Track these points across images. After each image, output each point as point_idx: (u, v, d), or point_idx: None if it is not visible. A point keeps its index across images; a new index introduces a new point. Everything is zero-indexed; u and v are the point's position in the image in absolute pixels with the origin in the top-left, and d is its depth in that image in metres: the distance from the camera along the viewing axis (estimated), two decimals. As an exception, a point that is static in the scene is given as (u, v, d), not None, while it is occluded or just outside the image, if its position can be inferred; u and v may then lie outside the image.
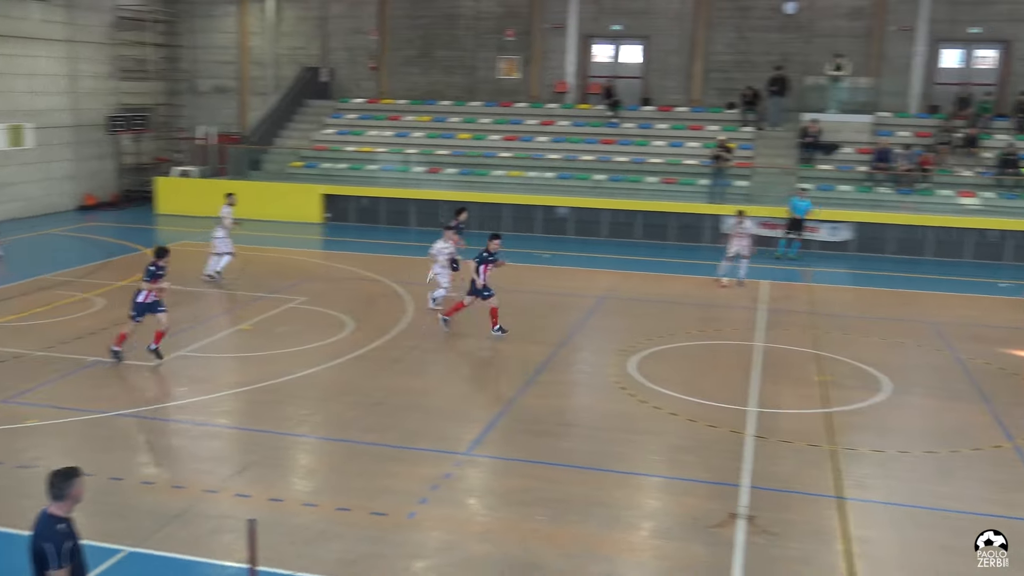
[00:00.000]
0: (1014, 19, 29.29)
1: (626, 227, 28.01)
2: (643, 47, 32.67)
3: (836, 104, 29.62)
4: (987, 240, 25.91)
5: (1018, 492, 10.87)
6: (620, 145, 30.63)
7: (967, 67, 30.63)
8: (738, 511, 10.01)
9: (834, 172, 28.44)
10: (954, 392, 14.46)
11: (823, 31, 30.49)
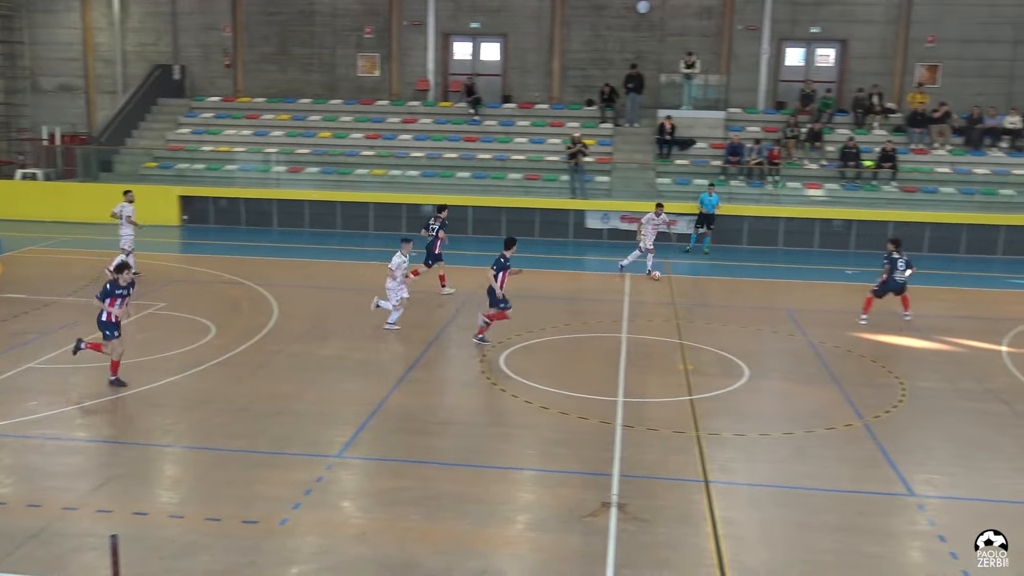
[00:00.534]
0: (849, 20, 30.92)
1: (491, 224, 28.17)
2: (501, 45, 32.93)
3: (690, 101, 30.59)
4: (833, 229, 27.27)
5: (869, 468, 11.47)
6: (483, 142, 30.80)
7: (809, 65, 32.15)
8: (610, 500, 10.23)
9: (690, 167, 29.37)
10: (808, 375, 15.15)
11: (675, 30, 31.44)
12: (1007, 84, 30.72)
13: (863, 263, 25.24)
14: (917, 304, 20.48)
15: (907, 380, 14.81)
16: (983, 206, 27.36)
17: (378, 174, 29.72)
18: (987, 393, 14.41)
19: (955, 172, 28.64)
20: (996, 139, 29.29)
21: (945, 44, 30.73)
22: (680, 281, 22.46)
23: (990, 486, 11.08)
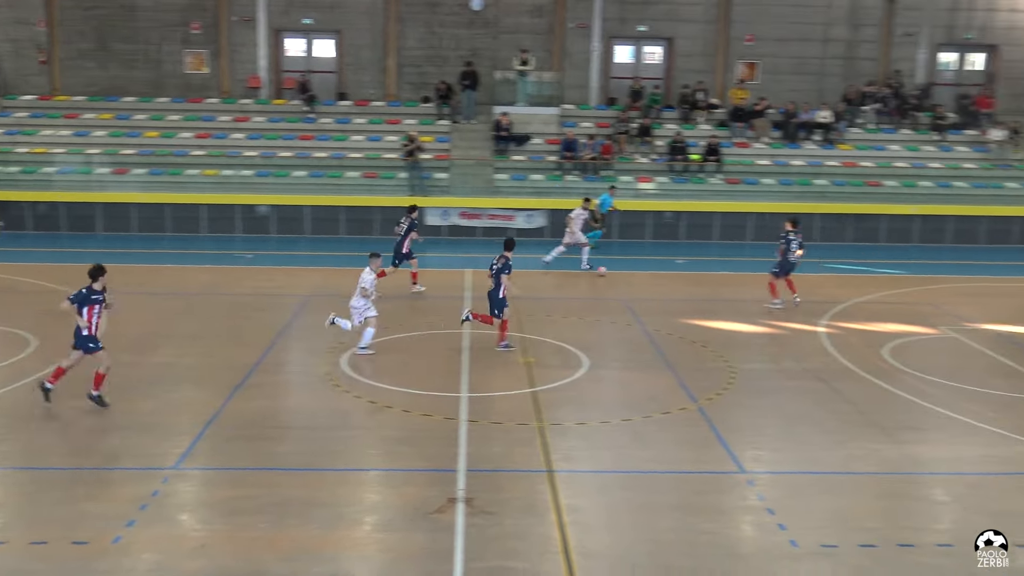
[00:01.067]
0: (674, 19, 32.10)
1: (330, 223, 27.81)
2: (336, 41, 32.49)
3: (524, 97, 31.02)
4: (664, 221, 28.28)
5: (704, 448, 11.98)
6: (319, 140, 30.32)
7: (638, 62, 33.18)
8: (456, 495, 10.30)
9: (527, 162, 29.82)
10: (644, 363, 15.67)
11: (508, 27, 31.81)
12: (818, 81, 32.61)
13: (693, 253, 26.31)
14: (742, 290, 21.51)
15: (735, 363, 15.53)
16: (800, 196, 28.96)
17: (210, 174, 28.79)
18: (807, 372, 15.29)
19: (774, 164, 30.20)
20: (810, 132, 31.05)
21: (762, 43, 32.33)
22: (520, 276, 22.72)
23: (812, 459, 11.78)
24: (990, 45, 33.08)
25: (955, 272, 24.35)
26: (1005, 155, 30.61)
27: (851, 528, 9.80)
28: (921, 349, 17.00)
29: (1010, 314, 19.65)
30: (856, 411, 13.46)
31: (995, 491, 10.93)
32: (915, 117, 31.82)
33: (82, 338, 12.45)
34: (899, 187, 29.46)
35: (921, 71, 32.96)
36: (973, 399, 14.02)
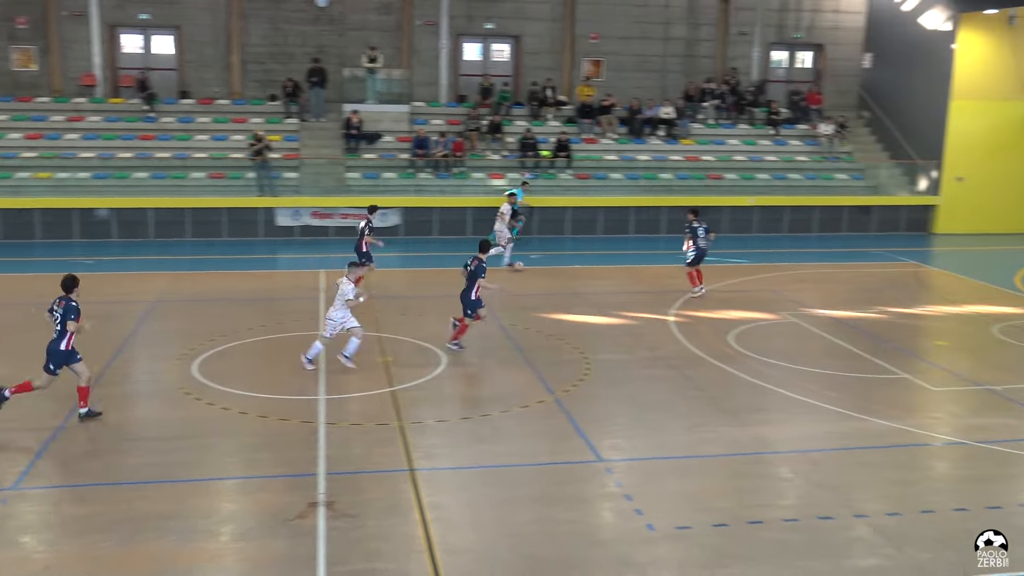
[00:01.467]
0: (521, 17, 32.47)
1: (175, 226, 26.86)
2: (175, 37, 31.35)
3: (374, 95, 30.76)
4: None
5: (562, 440, 12.20)
6: (160, 140, 29.21)
7: (486, 59, 33.40)
8: (317, 499, 10.15)
9: (379, 160, 29.59)
10: (501, 358, 15.83)
11: (355, 24, 31.46)
12: (661, 78, 33.64)
13: (547, 247, 26.71)
14: (595, 283, 22.01)
15: (590, 354, 15.88)
16: (647, 190, 29.85)
17: (43, 177, 27.30)
18: (659, 360, 15.79)
19: (621, 159, 31.00)
20: (654, 128, 32.01)
21: (607, 41, 33.09)
22: (375, 275, 22.57)
23: (666, 444, 12.18)
24: (817, 44, 34.89)
25: (792, 260, 25.59)
26: (833, 148, 32.37)
27: (704, 509, 10.19)
28: (763, 334, 17.81)
29: (843, 298, 20.82)
30: (706, 396, 13.99)
31: (836, 466, 11.58)
32: (751, 112, 33.27)
33: (60, 352, 12.05)
34: (738, 180, 30.75)
35: (755, 68, 34.47)
36: (813, 380, 14.79)
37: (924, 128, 31.06)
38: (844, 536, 9.70)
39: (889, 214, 30.71)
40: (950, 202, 30.50)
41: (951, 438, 12.65)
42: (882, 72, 33.45)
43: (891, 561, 9.16)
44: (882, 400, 13.99)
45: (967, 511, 10.27)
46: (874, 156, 32.70)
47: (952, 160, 30.40)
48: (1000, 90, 30.20)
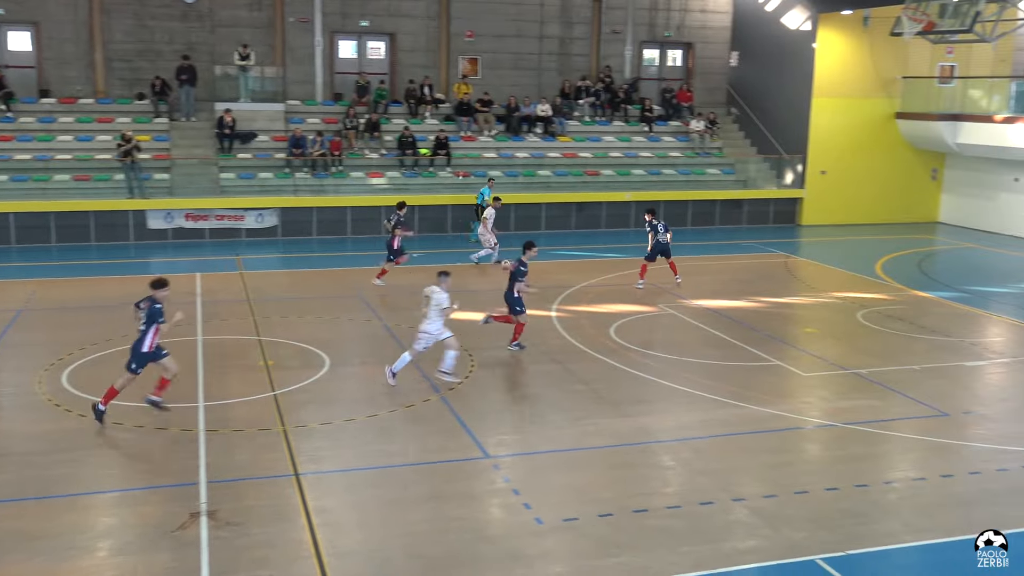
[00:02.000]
0: (395, 14, 32.28)
1: (39, 231, 25.67)
2: (32, 34, 29.94)
3: (247, 93, 30.07)
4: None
5: (450, 437, 12.21)
6: (19, 142, 27.84)
7: (362, 57, 33.08)
8: (199, 509, 9.90)
9: (253, 160, 28.95)
10: (386, 357, 15.64)
11: (226, 21, 30.68)
12: (537, 76, 33.98)
13: (427, 245, 26.65)
14: (478, 280, 22.10)
15: (475, 351, 15.94)
16: (526, 187, 30.12)
17: None
18: (544, 355, 15.97)
19: (500, 156, 31.17)
20: (532, 125, 32.32)
21: (482, 39, 33.22)
22: (253, 277, 22.12)
23: (551, 438, 12.35)
24: (687, 43, 35.85)
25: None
26: (705, 144, 33.33)
27: (590, 500, 10.38)
28: (643, 326, 18.22)
29: (717, 289, 21.49)
30: (589, 389, 14.23)
31: (715, 452, 11.96)
32: (625, 110, 33.94)
33: (142, 355, 12.25)
34: (615, 176, 31.33)
35: (628, 67, 35.18)
36: (691, 370, 15.23)
37: (789, 124, 32.30)
38: (724, 520, 10.03)
39: (759, 207, 31.81)
40: (815, 195, 31.79)
41: (821, 421, 13.22)
42: (748, 70, 34.64)
43: (768, 542, 9.52)
44: (757, 387, 14.51)
45: (837, 490, 10.77)
46: (743, 151, 33.82)
47: (816, 155, 31.71)
48: (859, 88, 31.64)
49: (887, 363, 15.81)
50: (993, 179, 31.13)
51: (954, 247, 28.84)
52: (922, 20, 27.07)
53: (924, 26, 27.21)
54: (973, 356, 16.65)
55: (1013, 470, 11.43)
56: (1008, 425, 13.02)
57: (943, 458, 11.85)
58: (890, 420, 13.16)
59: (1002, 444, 12.16)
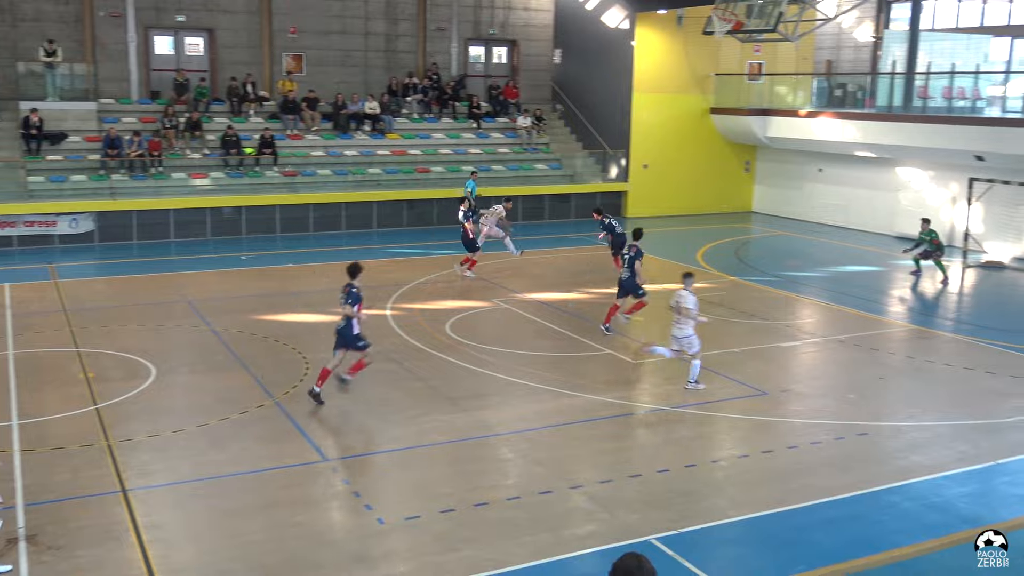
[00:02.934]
0: (214, 9, 31.22)
1: None
2: None
3: (55, 92, 28.43)
4: (224, 217, 27.55)
5: (286, 443, 11.97)
6: None
7: (180, 54, 31.83)
8: (17, 534, 9.32)
9: (65, 162, 27.38)
10: (216, 364, 15.25)
11: (29, 15, 28.85)
12: (363, 73, 33.64)
13: (256, 247, 26.01)
14: (310, 281, 21.74)
15: (309, 354, 15.68)
16: (356, 185, 29.80)
17: None
18: (379, 354, 15.78)
19: (328, 155, 30.71)
20: (360, 123, 31.99)
21: (306, 35, 32.60)
22: (69, 285, 20.95)
23: (391, 437, 12.31)
24: (511, 40, 36.33)
25: (500, 249, 26.50)
26: (532, 140, 33.90)
27: (431, 497, 10.41)
28: (478, 321, 18.40)
29: (548, 282, 21.94)
30: (426, 386, 14.26)
31: (551, 442, 12.22)
32: (453, 107, 34.09)
33: (352, 336, 13.09)
34: (445, 172, 31.42)
35: (455, 63, 35.34)
36: (525, 362, 15.49)
37: (612, 119, 33.28)
38: (563, 507, 10.27)
39: (586, 200, 32.57)
40: (638, 188, 32.88)
41: (652, 405, 13.73)
42: (572, 67, 35.46)
43: (605, 526, 9.83)
44: (590, 376, 14.92)
45: (668, 471, 11.22)
46: (569, 147, 34.60)
47: (637, 149, 32.80)
48: (676, 84, 32.93)
49: (710, 347, 16.52)
50: (800, 170, 33.08)
51: (767, 235, 30.48)
52: (731, 20, 28.42)
53: (733, 25, 28.56)
54: (788, 337, 17.67)
55: (825, 442, 12.22)
56: (820, 401, 13.91)
57: (764, 435, 12.54)
58: (715, 402, 13.81)
59: (815, 419, 12.98)
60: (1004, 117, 28.04)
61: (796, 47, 32.49)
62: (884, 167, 29.81)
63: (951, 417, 13.40)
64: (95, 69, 29.51)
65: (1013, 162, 24.71)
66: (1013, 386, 14.69)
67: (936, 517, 10.10)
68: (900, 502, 10.53)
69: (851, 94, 33.45)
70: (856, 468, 11.47)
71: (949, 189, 27.58)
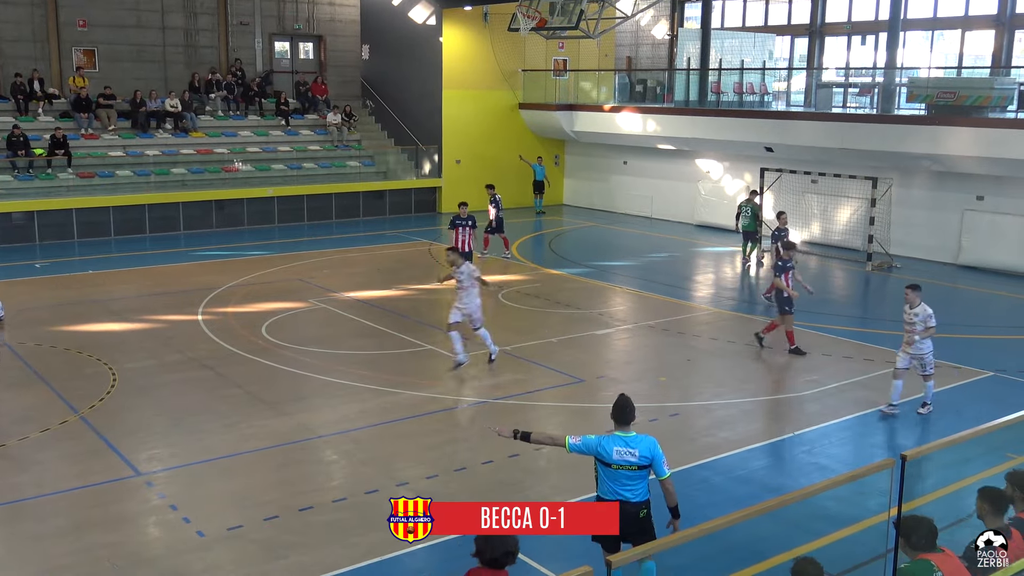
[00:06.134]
0: (-5, 0, 29.15)
1: None
2: None
3: None
4: (14, 223, 25.77)
5: (94, 459, 11.35)
6: None
7: (-45, 48, 29.50)
8: None
9: None
10: (11, 380, 14.26)
11: None
12: (162, 69, 32.23)
13: (52, 254, 24.49)
14: (110, 288, 20.72)
15: (115, 364, 14.94)
16: (160, 186, 28.54)
17: None
18: (192, 361, 15.31)
19: (128, 155, 29.25)
20: (161, 121, 30.63)
21: (98, 29, 30.91)
22: None
23: (207, 447, 11.89)
24: (317, 35, 35.71)
25: (315, 248, 26.13)
26: (343, 137, 33.47)
27: (253, 505, 10.16)
28: (295, 323, 18.05)
29: (363, 280, 21.78)
30: (244, 392, 13.87)
31: (376, 441, 12.17)
32: (260, 103, 33.20)
33: (783, 299, 15.71)
34: (254, 171, 30.58)
35: (260, 59, 34.42)
36: (345, 361, 15.33)
37: (423, 116, 33.32)
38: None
39: (400, 197, 32.54)
40: (452, 183, 33.06)
41: (474, 398, 13.90)
42: (380, 63, 35.23)
43: (434, 520, 9.87)
44: (412, 372, 14.94)
45: (493, 462, 11.41)
46: (381, 143, 34.39)
47: (449, 145, 33.00)
48: (484, 80, 33.33)
49: (528, 338, 16.93)
50: (606, 163, 34.24)
51: (578, 227, 31.39)
52: (535, 17, 29.01)
53: (537, 22, 29.16)
54: (601, 325, 18.29)
55: (641, 424, 12.73)
56: (634, 385, 14.48)
57: (583, 421, 12.94)
58: (535, 391, 14.13)
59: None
60: (788, 111, 30.04)
61: (598, 44, 33.55)
62: (684, 159, 31.29)
63: (753, 394, 14.26)
64: None
65: (798, 152, 26.51)
66: (813, 362, 15.78)
67: (743, 489, 10.75)
68: (710, 476, 11.13)
69: (651, 89, 34.89)
70: (669, 447, 11.94)
71: (744, 179, 29.25)
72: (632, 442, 7.69)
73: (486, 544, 5.70)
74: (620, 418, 7.74)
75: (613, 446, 7.70)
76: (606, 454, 7.68)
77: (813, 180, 26.13)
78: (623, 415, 7.74)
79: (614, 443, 7.72)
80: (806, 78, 33.93)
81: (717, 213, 29.80)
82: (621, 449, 7.67)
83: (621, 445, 7.68)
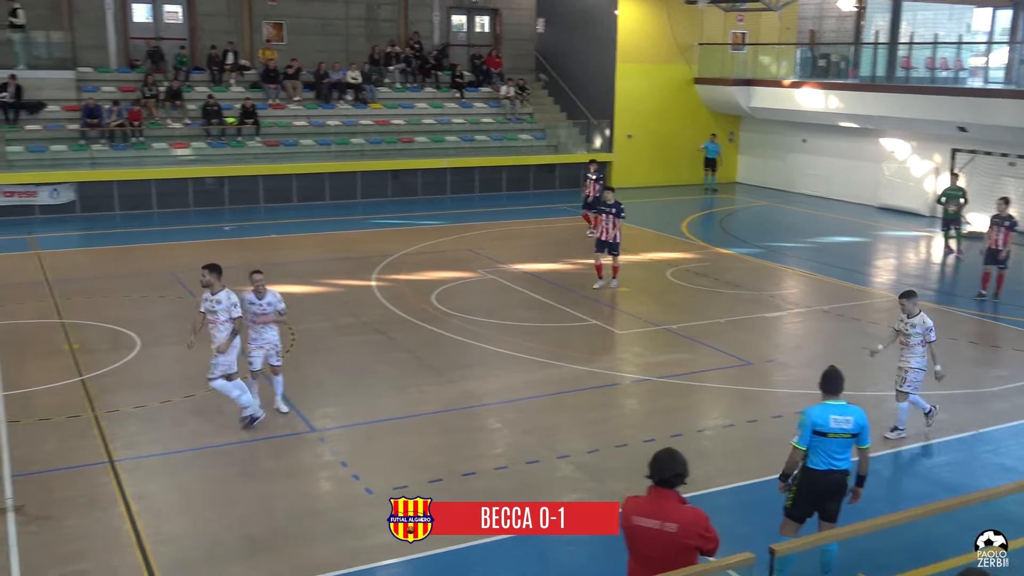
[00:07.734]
0: (196, -24, 30.79)
1: None
2: None
3: (28, 59, 27.99)
4: (206, 187, 27.35)
5: (278, 413, 11.94)
6: None
7: (158, 22, 31.41)
8: (4, 505, 9.31)
9: (44, 132, 27.05)
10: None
11: (1, -20, 28.38)
12: (344, 42, 33.31)
13: (239, 218, 25.85)
14: (291, 252, 21.65)
15: (294, 324, 15.61)
16: (339, 155, 29.61)
17: None
18: (365, 325, 15.86)
19: (311, 125, 30.47)
20: (342, 92, 31.72)
21: (286, 3, 32.20)
22: (51, 256, 20.80)
23: (377, 408, 12.31)
24: (494, 9, 36.03)
25: (486, 219, 26.52)
26: (515, 110, 33.72)
27: (419, 467, 10.45)
28: (464, 292, 18.39)
29: (533, 253, 21.93)
30: (413, 357, 14.26)
31: (537, 411, 12.27)
32: (436, 76, 33.85)
33: None
34: (429, 143, 31.26)
35: (437, 32, 35.05)
36: (512, 332, 15.51)
37: (595, 89, 33.13)
38: (550, 476, 10.33)
39: (570, 171, 32.51)
40: (623, 158, 32.81)
41: (637, 376, 13.79)
42: (555, 36, 35.22)
43: (592, 494, 9.88)
44: (575, 346, 14.96)
45: (654, 441, 11.28)
46: (553, 117, 34.45)
47: (621, 119, 32.71)
48: (659, 54, 32.80)
49: (695, 318, 16.63)
50: (784, 140, 33.10)
51: (750, 205, 30.54)
52: (716, -11, 28.29)
53: (718, -6, 28.45)
54: (771, 308, 17.76)
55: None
56: (804, 370, 13.99)
57: (749, 404, 12.63)
58: (700, 372, 13.89)
59: (799, 388, 13.06)
60: (986, 88, 28.14)
61: (779, 17, 32.43)
62: (867, 138, 29.87)
63: (932, 387, 13.53)
64: (72, 37, 29.10)
65: (994, 133, 24.81)
66: (995, 356, 14.83)
67: (918, 485, 10.26)
68: (881, 470, 10.65)
69: (834, 64, 33.42)
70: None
71: (932, 160, 27.68)
72: (846, 411, 7.80)
73: (656, 465, 6.11)
74: (831, 388, 7.89)
75: (829, 414, 7.79)
76: (823, 424, 7.76)
77: (1011, 163, 24.44)
78: (835, 385, 7.88)
79: (829, 411, 7.81)
80: (1008, 52, 31.67)
81: (901, 195, 28.35)
82: (838, 418, 7.76)
83: (837, 414, 7.79)
